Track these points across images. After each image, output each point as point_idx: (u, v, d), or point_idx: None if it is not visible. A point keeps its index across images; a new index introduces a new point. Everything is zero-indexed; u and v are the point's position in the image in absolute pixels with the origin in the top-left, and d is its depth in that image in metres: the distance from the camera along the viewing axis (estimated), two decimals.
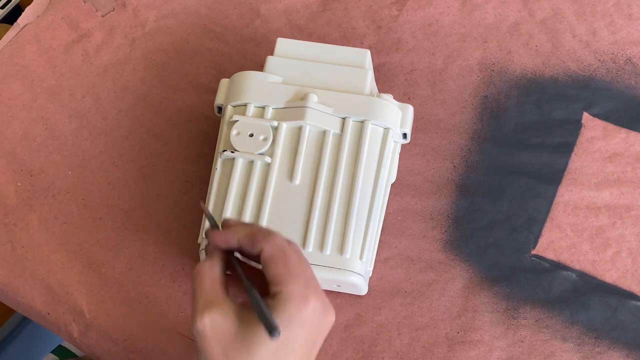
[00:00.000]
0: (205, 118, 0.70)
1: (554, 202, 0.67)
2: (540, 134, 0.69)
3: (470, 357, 0.62)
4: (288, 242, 0.50)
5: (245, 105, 0.63)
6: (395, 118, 0.63)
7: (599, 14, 0.74)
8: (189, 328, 0.63)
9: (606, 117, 0.70)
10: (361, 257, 0.60)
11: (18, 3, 1.05)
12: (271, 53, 0.66)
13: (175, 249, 0.66)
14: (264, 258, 0.49)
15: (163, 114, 0.71)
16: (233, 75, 0.65)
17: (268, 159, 0.61)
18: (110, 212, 0.67)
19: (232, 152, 0.61)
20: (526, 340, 0.62)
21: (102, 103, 0.72)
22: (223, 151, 0.62)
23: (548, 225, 0.66)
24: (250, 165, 0.62)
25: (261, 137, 0.62)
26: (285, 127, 0.62)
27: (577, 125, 0.70)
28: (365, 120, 0.62)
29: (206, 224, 0.60)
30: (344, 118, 0.62)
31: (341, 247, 0.59)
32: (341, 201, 0.60)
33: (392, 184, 0.66)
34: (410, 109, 0.65)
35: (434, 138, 0.69)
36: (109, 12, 0.76)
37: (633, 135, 0.69)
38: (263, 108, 0.63)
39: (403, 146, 0.68)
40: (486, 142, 0.69)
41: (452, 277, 0.64)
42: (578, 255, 0.65)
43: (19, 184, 0.68)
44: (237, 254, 0.52)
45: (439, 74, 0.72)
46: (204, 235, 0.55)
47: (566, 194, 0.67)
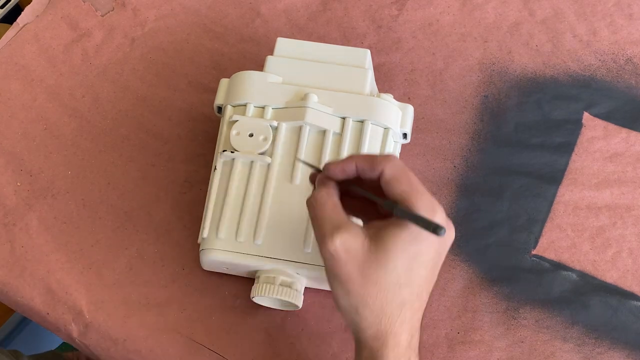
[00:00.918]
0: (205, 118, 0.70)
1: (555, 202, 0.67)
2: (540, 134, 0.69)
3: (470, 358, 0.62)
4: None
5: (245, 105, 0.63)
6: (395, 118, 0.63)
7: (600, 14, 0.74)
8: (190, 328, 0.63)
9: (607, 117, 0.70)
10: None
11: (17, 2, 1.05)
12: (271, 53, 0.66)
13: (175, 249, 0.65)
14: (387, 178, 0.50)
15: (163, 114, 0.71)
16: (233, 75, 0.65)
17: (268, 159, 0.61)
18: (110, 212, 0.67)
19: (232, 152, 0.61)
20: (526, 340, 0.62)
21: (102, 103, 0.72)
22: (223, 151, 0.62)
23: (548, 225, 0.66)
24: (250, 165, 0.61)
25: (261, 137, 0.62)
26: (285, 127, 0.62)
27: (578, 125, 0.70)
28: (365, 120, 0.62)
29: (208, 220, 0.60)
30: (344, 118, 0.62)
31: None
32: None
33: None
34: (410, 109, 0.65)
35: (434, 138, 0.69)
36: (109, 12, 0.75)
37: (634, 135, 0.69)
38: (263, 108, 0.63)
39: (403, 146, 0.68)
40: (486, 142, 0.69)
41: (452, 277, 0.64)
42: (578, 255, 0.65)
43: (19, 184, 0.68)
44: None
45: (439, 74, 0.72)
46: (309, 179, 0.56)
47: (567, 194, 0.67)
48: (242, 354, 0.62)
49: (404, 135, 0.65)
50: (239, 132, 0.62)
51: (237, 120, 0.62)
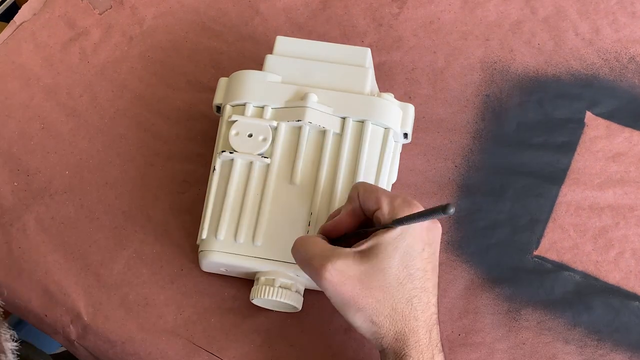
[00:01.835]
0: (203, 117, 0.70)
1: (557, 202, 0.66)
2: (542, 134, 0.69)
3: None
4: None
5: (244, 104, 0.63)
6: (395, 118, 0.63)
7: (602, 12, 0.73)
8: (189, 329, 0.62)
9: (609, 116, 0.69)
10: None
11: (14, 0, 1.04)
12: (270, 51, 0.65)
13: (173, 250, 0.65)
14: (358, 198, 0.54)
15: (161, 113, 0.71)
16: (232, 74, 0.65)
17: (267, 160, 0.61)
18: (108, 213, 0.67)
19: (231, 153, 0.61)
20: (528, 342, 0.62)
21: (100, 102, 0.71)
22: (222, 152, 0.61)
23: (550, 225, 0.66)
24: (249, 166, 0.61)
25: (260, 138, 0.61)
26: (284, 127, 0.62)
27: (580, 124, 0.69)
28: (365, 120, 0.62)
29: (207, 221, 0.60)
30: (344, 118, 0.62)
31: None
32: (341, 202, 0.60)
33: (393, 184, 0.66)
34: (411, 108, 0.64)
35: (435, 138, 0.69)
36: (107, 10, 0.75)
37: (636, 134, 0.69)
38: (262, 108, 0.62)
39: (404, 146, 0.67)
40: (488, 142, 0.69)
41: (454, 278, 0.64)
42: (581, 256, 0.65)
43: (16, 184, 0.68)
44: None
45: (441, 73, 0.71)
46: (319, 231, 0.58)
47: (569, 194, 0.67)
48: (242, 357, 0.62)
49: (405, 135, 0.64)
50: (238, 132, 0.61)
51: (236, 120, 0.62)
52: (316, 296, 0.62)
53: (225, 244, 0.60)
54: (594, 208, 0.66)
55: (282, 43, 0.65)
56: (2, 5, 0.87)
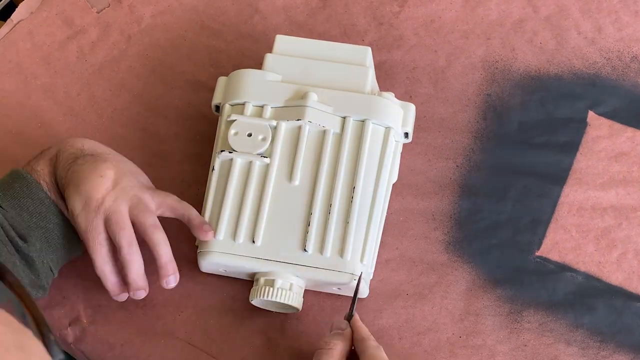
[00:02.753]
0: (202, 116, 0.70)
1: (559, 203, 0.66)
2: (544, 133, 0.68)
3: None
4: None
5: (243, 104, 0.62)
6: (396, 117, 0.63)
7: (605, 11, 0.73)
8: (188, 331, 0.62)
9: (612, 116, 0.69)
10: (362, 259, 0.59)
11: None
12: (270, 50, 0.65)
13: (172, 251, 0.64)
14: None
15: (160, 112, 0.70)
16: (231, 73, 0.65)
17: (267, 160, 0.60)
18: None
19: (230, 153, 0.61)
20: (529, 344, 0.61)
21: (97, 101, 0.71)
22: (221, 151, 0.61)
23: (552, 226, 0.65)
24: (248, 165, 0.61)
25: (260, 137, 0.61)
26: (284, 127, 0.61)
27: (582, 124, 0.69)
28: (366, 119, 0.61)
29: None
30: (344, 117, 0.62)
31: (341, 249, 0.59)
32: (341, 202, 0.60)
33: (394, 184, 0.65)
34: (412, 108, 0.64)
35: (436, 137, 0.68)
36: (105, 8, 0.75)
37: (639, 134, 0.68)
38: (262, 107, 0.62)
39: (404, 145, 0.67)
40: (489, 142, 0.68)
41: (455, 280, 0.63)
42: (583, 256, 0.64)
43: None
44: None
45: (442, 72, 0.71)
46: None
47: (571, 194, 0.66)
48: (241, 358, 0.61)
49: (406, 134, 0.64)
50: (238, 132, 0.61)
51: (236, 119, 0.61)
52: (316, 296, 0.62)
53: (224, 245, 0.59)
54: (597, 208, 0.66)
55: (282, 42, 0.65)
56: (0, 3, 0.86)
